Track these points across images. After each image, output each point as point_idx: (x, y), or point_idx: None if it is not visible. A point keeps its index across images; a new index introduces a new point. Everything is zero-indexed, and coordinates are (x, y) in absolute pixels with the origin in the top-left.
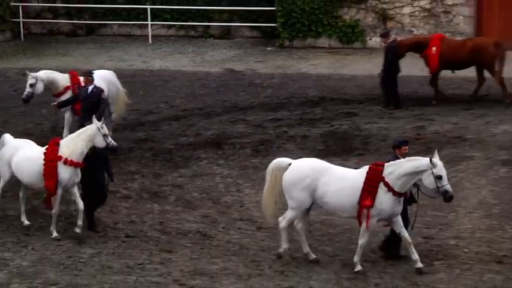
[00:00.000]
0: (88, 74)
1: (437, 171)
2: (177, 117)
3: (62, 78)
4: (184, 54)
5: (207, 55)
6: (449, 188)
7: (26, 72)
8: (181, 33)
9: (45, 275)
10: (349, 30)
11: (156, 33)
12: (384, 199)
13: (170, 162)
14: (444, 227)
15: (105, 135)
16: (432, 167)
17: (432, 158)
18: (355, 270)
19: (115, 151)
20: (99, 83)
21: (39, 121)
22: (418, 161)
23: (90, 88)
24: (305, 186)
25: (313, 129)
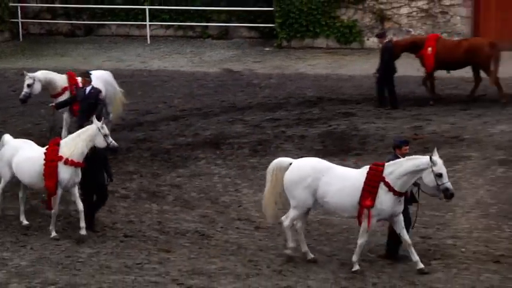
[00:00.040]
0: (86, 75)
1: (437, 169)
2: (176, 118)
3: (59, 79)
4: (183, 54)
5: (205, 55)
6: (449, 186)
7: (23, 72)
8: (179, 33)
9: (44, 275)
10: (346, 30)
11: (154, 33)
12: (385, 199)
13: (168, 162)
14: (441, 227)
15: (106, 136)
16: (432, 165)
17: (432, 156)
18: (353, 269)
19: (116, 151)
20: (97, 84)
21: (38, 121)
22: (417, 159)
23: (88, 89)
24: (306, 185)
25: (311, 129)
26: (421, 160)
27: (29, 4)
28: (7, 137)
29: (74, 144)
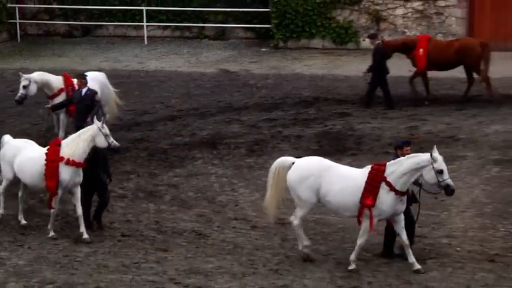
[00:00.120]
0: (81, 77)
1: (438, 166)
2: (173, 118)
3: (55, 80)
4: (180, 55)
5: (202, 56)
6: (450, 182)
7: (19, 73)
8: (176, 34)
9: (42, 274)
10: (342, 31)
11: (151, 34)
12: (386, 199)
13: (165, 162)
14: (437, 226)
15: (107, 135)
16: (433, 162)
17: (433, 153)
18: (349, 268)
19: (117, 151)
20: (92, 85)
21: (36, 121)
22: (417, 157)
23: (84, 91)
24: (309, 184)
25: (307, 129)
26: (421, 158)
27: (26, 5)
28: (7, 137)
29: (75, 144)
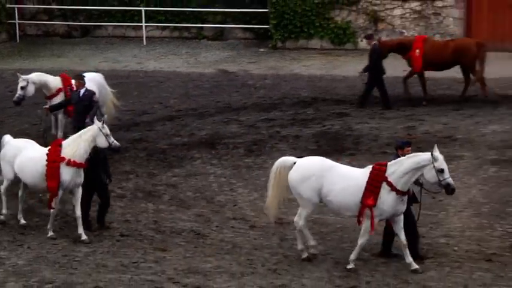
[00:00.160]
0: (79, 77)
1: (438, 165)
2: (171, 118)
3: (53, 81)
4: (178, 55)
5: (201, 56)
6: (451, 181)
7: (17, 74)
8: (175, 34)
9: (41, 274)
10: (340, 31)
11: (150, 34)
12: (387, 199)
13: (164, 162)
14: (434, 226)
15: (107, 135)
16: (434, 161)
17: (433, 152)
18: (348, 267)
19: (118, 151)
20: (90, 86)
21: (35, 121)
22: (418, 156)
23: (82, 91)
24: (310, 184)
25: (306, 129)
26: (422, 157)
27: (25, 5)
28: (7, 137)
29: (75, 145)
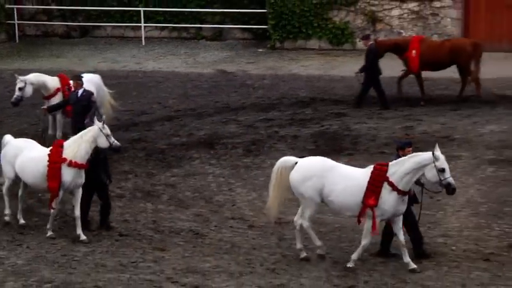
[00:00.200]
0: (77, 78)
1: (440, 164)
2: (170, 118)
3: (51, 81)
4: (177, 55)
5: (200, 56)
6: (452, 181)
7: (15, 75)
8: (174, 35)
9: (40, 273)
10: (339, 32)
11: (149, 35)
12: (388, 199)
13: (163, 162)
14: (432, 226)
15: (108, 136)
16: (435, 160)
17: (435, 151)
18: (348, 265)
19: (118, 151)
20: (88, 86)
21: (34, 122)
22: (419, 156)
23: (80, 92)
24: (312, 184)
25: (304, 129)
26: (423, 156)
27: (25, 6)
28: (8, 137)
29: (76, 145)
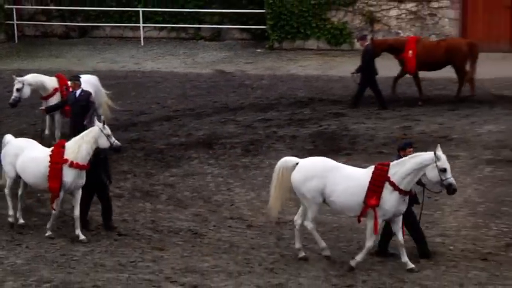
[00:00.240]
0: (75, 78)
1: (441, 164)
2: (169, 118)
3: (49, 81)
4: (176, 56)
5: (198, 57)
6: (453, 181)
7: (13, 76)
8: (172, 35)
9: (39, 273)
10: (337, 32)
11: (147, 35)
12: (389, 199)
13: (162, 161)
14: (430, 225)
15: (109, 136)
16: (436, 160)
17: (436, 152)
18: (351, 263)
19: (119, 150)
20: (85, 87)
21: (33, 121)
22: (420, 156)
23: (78, 92)
24: (313, 185)
25: (302, 129)
26: (424, 157)
27: (24, 6)
28: (9, 136)
29: (77, 146)
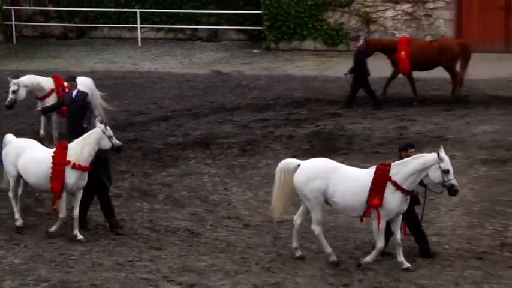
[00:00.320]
0: (71, 79)
1: (444, 166)
2: (166, 118)
3: (45, 81)
4: (173, 56)
5: (195, 57)
6: (455, 182)
7: (8, 78)
8: (170, 36)
9: (37, 272)
10: (333, 33)
11: (145, 36)
12: (392, 198)
13: (159, 161)
14: (426, 225)
15: (110, 137)
16: (440, 161)
17: (440, 153)
18: (363, 261)
19: (120, 150)
20: (82, 89)
21: (31, 122)
22: (423, 157)
23: (74, 93)
24: (315, 186)
25: (299, 129)
26: (427, 158)
27: (22, 7)
28: (10, 136)
29: (80, 148)
